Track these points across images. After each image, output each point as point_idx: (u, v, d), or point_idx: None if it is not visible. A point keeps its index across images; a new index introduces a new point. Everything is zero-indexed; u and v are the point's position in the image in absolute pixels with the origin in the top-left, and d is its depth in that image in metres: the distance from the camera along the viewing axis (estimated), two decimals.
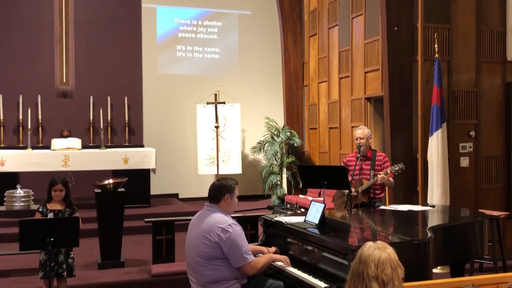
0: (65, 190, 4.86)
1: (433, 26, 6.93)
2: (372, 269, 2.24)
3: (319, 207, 4.11)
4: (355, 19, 8.59)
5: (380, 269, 2.24)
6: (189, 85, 10.91)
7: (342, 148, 8.99)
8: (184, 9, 11.08)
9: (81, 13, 10.02)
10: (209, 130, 10.11)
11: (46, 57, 9.85)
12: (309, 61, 10.44)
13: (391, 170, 5.27)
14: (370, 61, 8.11)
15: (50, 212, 4.81)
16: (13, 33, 9.68)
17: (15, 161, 8.43)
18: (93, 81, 10.02)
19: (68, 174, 8.10)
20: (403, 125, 7.10)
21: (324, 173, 5.23)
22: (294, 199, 9.44)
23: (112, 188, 6.18)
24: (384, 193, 5.63)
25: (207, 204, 3.80)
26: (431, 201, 6.25)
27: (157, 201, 9.55)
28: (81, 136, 9.57)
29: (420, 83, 6.76)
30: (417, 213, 4.75)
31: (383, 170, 5.38)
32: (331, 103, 9.47)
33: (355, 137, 5.56)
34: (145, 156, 9.05)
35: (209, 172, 10.31)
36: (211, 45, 11.25)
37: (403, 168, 5.27)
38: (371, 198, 5.42)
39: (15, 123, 9.58)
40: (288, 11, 10.60)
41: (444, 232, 4.03)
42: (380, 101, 7.80)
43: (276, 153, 10.11)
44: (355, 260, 2.31)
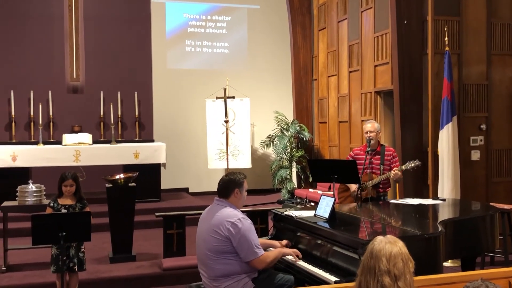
0: (76, 185, 4.89)
1: (443, 19, 6.87)
2: (384, 264, 2.22)
3: (329, 201, 4.09)
4: (364, 13, 8.53)
5: (392, 263, 2.23)
6: (199, 79, 10.92)
7: (352, 142, 8.96)
8: (193, 4, 11.07)
9: (90, 8, 10.05)
10: (219, 124, 10.12)
11: (57, 53, 9.90)
12: (318, 55, 10.39)
13: (406, 166, 5.23)
14: (379, 54, 8.06)
15: (62, 207, 4.84)
16: (24, 29, 9.73)
17: (27, 156, 8.49)
18: (103, 76, 10.05)
19: (79, 169, 8.16)
20: (413, 118, 7.06)
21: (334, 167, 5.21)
22: (304, 193, 9.43)
23: (123, 183, 6.20)
24: (390, 187, 5.61)
25: (216, 199, 3.80)
26: (442, 195, 6.21)
27: (168, 195, 9.59)
28: (92, 131, 9.62)
29: (430, 76, 6.71)
30: (427, 207, 4.73)
31: (392, 165, 5.35)
32: (340, 97, 9.43)
33: (365, 130, 5.53)
34: (156, 150, 9.07)
35: (219, 167, 10.32)
36: (220, 39, 11.24)
37: (419, 165, 5.23)
38: (378, 192, 5.40)
39: (26, 118, 9.65)
40: (297, 5, 10.55)
41: (455, 225, 4.00)
42: (390, 95, 7.76)
43: (286, 147, 10.09)
44: (366, 255, 2.30)
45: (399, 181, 5.54)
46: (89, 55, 10.03)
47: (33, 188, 5.85)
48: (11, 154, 8.41)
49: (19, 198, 5.87)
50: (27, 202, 5.82)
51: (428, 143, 6.76)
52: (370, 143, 5.42)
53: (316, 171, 5.59)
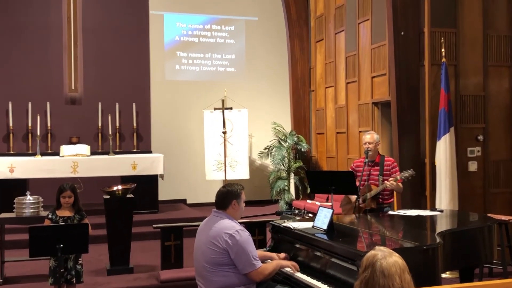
0: (74, 197, 4.88)
1: (440, 31, 6.92)
2: (397, 281, 2.21)
3: (327, 212, 4.09)
4: (361, 24, 8.59)
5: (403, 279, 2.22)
6: (197, 91, 10.95)
7: (350, 153, 8.97)
8: (191, 15, 11.13)
9: (89, 20, 10.09)
10: (217, 135, 10.13)
11: (55, 64, 9.92)
12: (315, 66, 10.44)
13: (401, 176, 5.24)
14: (377, 65, 8.10)
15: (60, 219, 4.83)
16: (22, 40, 9.76)
17: (25, 168, 8.49)
18: (102, 87, 10.07)
19: (77, 180, 8.15)
20: (410, 129, 7.08)
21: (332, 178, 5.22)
22: (302, 204, 9.42)
23: (121, 194, 6.20)
24: (392, 198, 5.61)
25: (214, 211, 3.80)
26: (440, 206, 6.21)
27: (165, 206, 9.57)
28: (90, 143, 9.61)
29: (428, 87, 6.74)
30: (425, 218, 4.73)
31: (392, 176, 5.36)
32: (338, 108, 9.46)
33: (364, 141, 5.54)
34: (153, 162, 9.07)
35: (217, 178, 10.32)
36: (218, 51, 11.29)
37: (413, 175, 5.25)
38: (379, 204, 5.40)
39: (24, 130, 9.64)
40: (294, 17, 10.62)
41: (453, 237, 4.00)
42: (387, 106, 7.78)
43: (284, 158, 10.10)
44: (376, 274, 2.25)
45: (400, 191, 5.54)
46: (87, 67, 10.06)
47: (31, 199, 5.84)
48: (9, 165, 8.40)
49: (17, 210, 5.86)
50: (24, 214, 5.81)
51: (426, 154, 6.77)
52: (368, 154, 5.43)
53: (314, 182, 5.60)
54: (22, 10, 9.75)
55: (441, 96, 6.47)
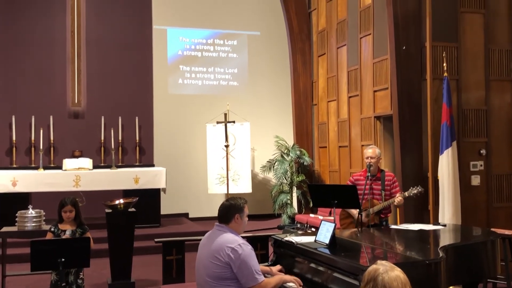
0: (75, 211, 4.89)
1: (442, 45, 6.95)
2: None
3: (330, 226, 4.08)
4: (363, 39, 8.64)
5: None
6: (199, 105, 10.99)
7: (352, 166, 8.97)
8: (194, 30, 11.21)
9: (93, 34, 10.18)
10: (219, 149, 10.14)
11: (58, 78, 9.99)
12: (318, 80, 10.48)
13: (409, 193, 5.23)
14: (379, 80, 8.13)
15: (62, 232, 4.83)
16: (26, 54, 9.84)
17: (27, 181, 8.51)
18: (105, 101, 10.12)
19: (79, 194, 8.16)
20: (413, 143, 7.08)
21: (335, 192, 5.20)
22: (304, 218, 9.39)
23: (123, 208, 6.20)
24: (390, 212, 5.61)
25: (217, 224, 3.79)
26: (442, 220, 6.19)
27: (167, 220, 9.56)
28: (92, 156, 9.64)
29: (430, 101, 6.76)
30: (428, 232, 4.71)
31: (392, 191, 5.35)
32: (340, 122, 9.48)
33: (366, 156, 5.54)
34: (156, 175, 9.08)
35: (219, 191, 10.31)
36: (221, 65, 11.35)
37: (422, 191, 5.24)
38: (381, 218, 5.39)
39: (27, 143, 9.68)
40: (296, 32, 10.68)
41: (456, 251, 3.98)
42: (389, 120, 7.80)
43: (286, 171, 10.09)
44: None
45: (401, 206, 5.54)
46: (90, 81, 10.12)
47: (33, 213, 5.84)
48: (11, 179, 8.42)
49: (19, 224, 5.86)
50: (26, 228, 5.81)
51: (428, 168, 6.76)
52: (370, 168, 5.43)
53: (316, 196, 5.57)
54: (25, 24, 9.85)
55: (443, 110, 6.48)
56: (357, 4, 8.81)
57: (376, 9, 8.22)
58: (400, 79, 7.16)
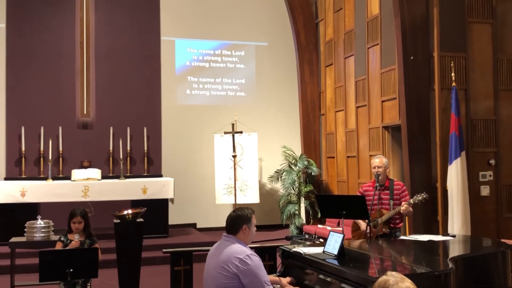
0: (84, 222, 4.92)
1: (450, 55, 6.95)
2: None
3: (338, 237, 4.07)
4: (371, 49, 8.65)
5: None
6: (207, 115, 11.03)
7: (361, 177, 8.95)
8: (202, 41, 11.28)
9: (101, 45, 10.26)
10: (227, 159, 10.16)
11: (68, 89, 10.07)
12: (325, 90, 10.49)
13: (414, 200, 5.22)
14: (387, 90, 8.13)
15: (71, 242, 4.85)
16: (36, 65, 9.93)
17: (36, 192, 8.56)
18: (113, 112, 10.18)
19: (88, 204, 8.18)
20: (421, 154, 7.06)
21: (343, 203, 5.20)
22: (312, 229, 9.36)
23: (131, 219, 6.21)
24: (402, 222, 5.58)
25: (224, 235, 3.79)
26: (452, 231, 6.16)
27: (175, 231, 9.56)
28: (101, 167, 9.68)
29: (438, 111, 6.75)
30: (437, 243, 4.68)
31: (402, 200, 5.33)
32: (348, 132, 9.48)
33: (373, 165, 5.53)
34: (164, 186, 9.10)
35: (227, 202, 10.31)
36: (228, 76, 11.40)
37: (426, 198, 5.22)
38: (391, 228, 5.37)
39: (36, 154, 9.74)
40: (304, 43, 10.72)
41: (465, 262, 3.96)
42: (397, 130, 7.78)
43: (294, 182, 10.08)
44: None
45: (410, 214, 5.51)
46: (99, 91, 10.19)
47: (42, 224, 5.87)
48: (20, 189, 8.47)
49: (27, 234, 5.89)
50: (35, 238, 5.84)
51: (437, 179, 6.74)
52: (378, 178, 5.42)
53: (324, 207, 5.58)
54: (35, 36, 9.94)
55: (451, 120, 6.47)
56: (365, 14, 8.84)
57: (384, 19, 8.24)
58: (408, 89, 7.16)
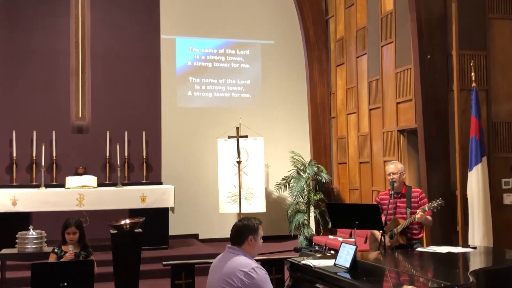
0: (79, 233, 4.93)
1: (469, 53, 6.93)
2: None
3: (350, 249, 4.05)
4: (384, 47, 8.64)
5: None
6: (210, 118, 11.03)
7: (374, 184, 8.92)
8: (204, 40, 11.29)
9: (98, 45, 10.30)
10: (231, 165, 10.15)
11: (62, 91, 10.10)
12: (336, 91, 10.48)
13: (429, 207, 5.19)
14: (402, 91, 8.11)
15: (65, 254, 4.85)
16: (27, 66, 9.96)
17: (28, 200, 8.57)
18: (110, 115, 10.21)
19: (83, 213, 8.20)
20: (439, 159, 7.03)
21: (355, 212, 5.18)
22: (323, 240, 9.34)
23: (129, 229, 6.22)
24: (422, 233, 5.54)
25: (229, 246, 3.78)
26: (473, 242, 6.12)
27: (176, 242, 9.55)
28: (97, 173, 9.69)
29: (457, 114, 6.72)
30: (457, 256, 4.66)
31: (420, 208, 5.31)
32: (361, 136, 9.45)
33: (388, 172, 5.51)
34: (164, 194, 9.10)
35: (231, 211, 10.30)
36: (232, 76, 11.41)
37: (442, 204, 5.19)
38: (409, 239, 5.33)
39: (28, 160, 9.77)
40: (313, 40, 10.72)
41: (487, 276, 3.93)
42: (414, 134, 7.76)
43: (303, 189, 10.06)
44: None
45: (429, 224, 5.47)
46: (95, 93, 10.22)
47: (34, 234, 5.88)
48: (11, 198, 8.49)
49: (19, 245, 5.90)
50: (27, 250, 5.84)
51: (457, 186, 6.70)
52: (393, 185, 5.39)
53: (335, 216, 5.56)
54: (27, 34, 9.98)
55: (471, 123, 6.44)
56: (378, 10, 8.83)
57: (398, 16, 8.23)
58: (424, 90, 7.13)
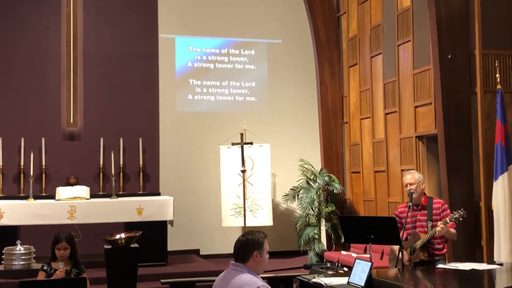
0: (70, 248, 4.94)
1: (494, 53, 6.92)
2: None
3: (365, 266, 4.04)
4: (401, 46, 8.64)
5: None
6: (212, 123, 11.05)
7: (391, 195, 8.90)
8: (206, 39, 11.32)
9: (91, 45, 10.34)
10: (235, 175, 10.15)
11: (52, 95, 10.14)
12: (349, 94, 10.48)
13: (451, 218, 5.18)
14: (420, 94, 8.11)
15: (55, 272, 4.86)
16: (14, 68, 10.01)
17: (15, 213, 8.57)
18: (104, 121, 10.24)
19: (75, 227, 8.21)
20: (462, 168, 7.01)
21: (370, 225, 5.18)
22: (335, 256, 9.31)
23: (124, 244, 6.23)
24: (446, 248, 5.52)
25: (232, 263, 3.78)
26: (499, 258, 6.10)
27: (175, 258, 9.55)
28: (90, 184, 9.72)
29: (481, 118, 6.71)
30: (482, 273, 4.65)
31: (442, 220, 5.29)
32: (376, 143, 9.44)
33: (405, 183, 5.51)
34: (162, 205, 9.11)
35: (235, 224, 10.29)
36: (236, 78, 11.43)
37: (464, 215, 5.18)
38: (431, 255, 5.31)
39: (15, 169, 9.80)
40: (323, 39, 10.73)
41: None
42: (434, 140, 7.75)
43: (313, 201, 10.05)
44: None
45: (453, 237, 5.45)
46: (88, 97, 10.25)
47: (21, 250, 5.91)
48: None
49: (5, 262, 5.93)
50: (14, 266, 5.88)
51: (481, 197, 6.68)
52: (411, 197, 5.38)
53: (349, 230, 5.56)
54: (14, 34, 10.03)
55: (497, 128, 6.43)
56: (394, 6, 8.84)
57: (416, 12, 8.24)
58: (445, 93, 7.13)
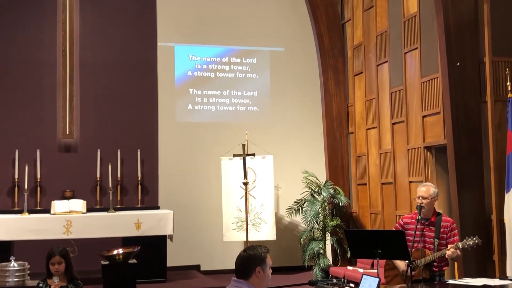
0: (65, 262, 4.92)
1: (504, 60, 6.93)
2: None
3: (373, 281, 4.03)
4: (408, 54, 8.65)
5: None
6: (213, 134, 11.05)
7: (399, 208, 8.88)
8: (207, 47, 11.35)
9: (87, 54, 10.38)
10: (237, 187, 10.15)
11: (47, 106, 10.16)
12: (354, 103, 10.49)
13: (464, 244, 5.15)
14: (428, 103, 8.11)
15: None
16: (8, 78, 10.04)
17: (9, 228, 8.58)
18: (101, 132, 10.25)
19: (71, 242, 8.20)
20: (472, 179, 7.00)
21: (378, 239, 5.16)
22: (341, 271, 9.28)
23: (122, 260, 6.22)
24: (448, 265, 5.51)
25: (234, 280, 3.76)
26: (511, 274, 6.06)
27: (175, 274, 9.53)
28: (86, 197, 9.71)
29: (491, 128, 6.70)
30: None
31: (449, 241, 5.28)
32: (383, 154, 9.44)
33: (417, 195, 5.47)
34: (161, 220, 9.11)
35: (237, 239, 10.27)
36: (238, 87, 11.44)
37: (479, 243, 5.14)
38: (433, 272, 5.30)
39: (9, 183, 9.80)
40: (328, 47, 10.75)
41: None
42: (442, 151, 7.74)
43: (318, 214, 10.03)
44: None
45: (458, 259, 5.44)
46: (84, 108, 10.27)
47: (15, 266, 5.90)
48: None
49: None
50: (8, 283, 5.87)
51: (492, 210, 6.66)
52: (420, 210, 5.36)
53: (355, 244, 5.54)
54: (8, 42, 10.07)
55: (508, 138, 6.42)
56: (400, 12, 8.87)
57: (424, 18, 8.26)
58: (454, 102, 7.13)
